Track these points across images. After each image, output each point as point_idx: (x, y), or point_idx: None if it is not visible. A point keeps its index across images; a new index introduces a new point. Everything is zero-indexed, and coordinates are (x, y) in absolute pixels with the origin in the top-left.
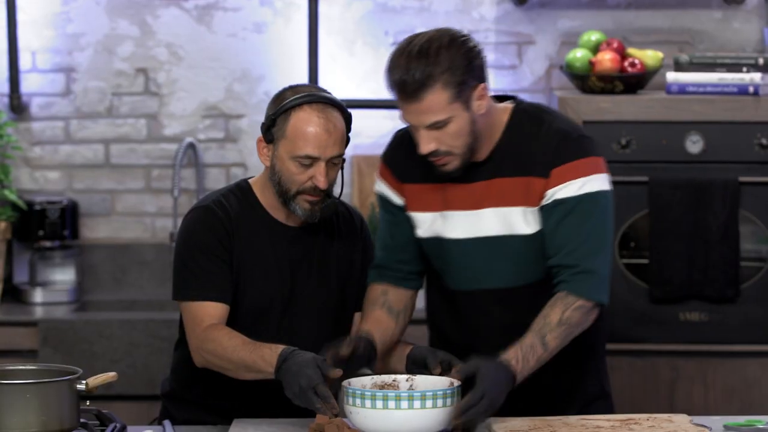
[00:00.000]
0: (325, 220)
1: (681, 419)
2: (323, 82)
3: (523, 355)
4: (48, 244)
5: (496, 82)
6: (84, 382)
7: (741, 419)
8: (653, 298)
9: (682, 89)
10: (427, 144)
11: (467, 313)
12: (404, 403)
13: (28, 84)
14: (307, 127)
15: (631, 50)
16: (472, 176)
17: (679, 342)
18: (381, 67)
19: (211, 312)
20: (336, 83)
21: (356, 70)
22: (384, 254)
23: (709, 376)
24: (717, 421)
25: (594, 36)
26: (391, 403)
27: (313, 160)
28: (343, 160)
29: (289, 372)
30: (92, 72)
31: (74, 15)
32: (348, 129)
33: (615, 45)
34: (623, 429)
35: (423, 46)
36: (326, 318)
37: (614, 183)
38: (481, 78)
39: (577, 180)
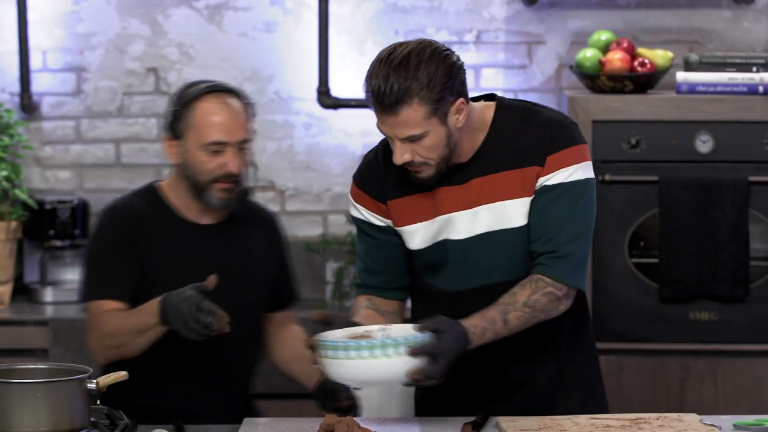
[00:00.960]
0: (238, 218)
1: (691, 418)
2: (333, 82)
3: (483, 327)
4: (59, 243)
5: (506, 81)
6: (94, 381)
7: (750, 418)
8: (663, 297)
9: (692, 89)
10: (401, 155)
11: (455, 313)
12: (377, 351)
13: (39, 83)
14: (212, 114)
15: (640, 50)
16: (462, 177)
17: (689, 341)
18: None
19: (108, 309)
20: (346, 83)
21: (366, 70)
22: (366, 276)
23: (718, 375)
24: (727, 421)
25: (604, 36)
26: (365, 352)
27: (221, 145)
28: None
29: (170, 309)
30: (103, 71)
31: (85, 14)
32: (251, 117)
33: (625, 45)
34: (633, 428)
35: (404, 58)
36: (245, 314)
37: (624, 182)
38: (461, 93)
39: (568, 168)
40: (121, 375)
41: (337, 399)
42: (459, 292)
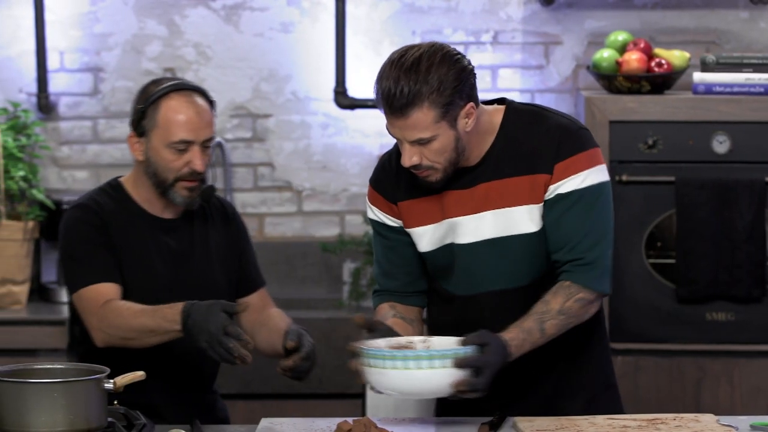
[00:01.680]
0: (201, 214)
1: (708, 419)
2: (350, 82)
3: (522, 339)
4: None
5: (523, 82)
6: (111, 381)
7: None
8: (679, 297)
9: (709, 89)
10: (410, 158)
11: (467, 316)
12: (424, 363)
13: (56, 84)
14: (178, 113)
15: (657, 50)
16: (469, 181)
17: (706, 342)
18: None
19: (103, 291)
20: (362, 83)
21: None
22: (384, 280)
23: (735, 375)
24: (743, 421)
25: (621, 36)
26: (411, 363)
27: (187, 144)
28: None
29: (196, 324)
30: (120, 72)
31: (102, 15)
32: (214, 115)
33: (642, 45)
34: (650, 429)
35: (415, 61)
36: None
37: (641, 183)
38: (471, 97)
39: (579, 173)
40: (138, 375)
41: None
42: (470, 296)
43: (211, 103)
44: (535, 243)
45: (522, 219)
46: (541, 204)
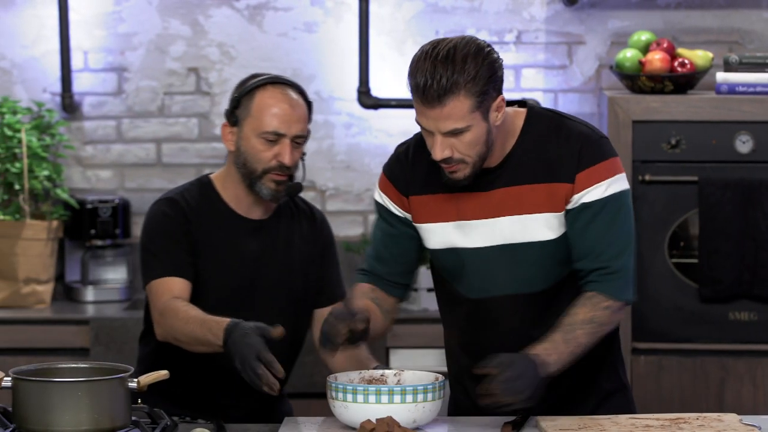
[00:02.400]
0: (288, 213)
1: (730, 418)
2: (373, 82)
3: (552, 348)
4: (100, 242)
5: (546, 81)
6: (135, 380)
7: None
8: (703, 297)
9: (732, 89)
10: (441, 150)
11: (481, 319)
12: (384, 398)
13: (80, 83)
14: (272, 104)
15: (680, 50)
16: (487, 184)
17: (729, 341)
18: None
19: (171, 286)
20: (386, 83)
21: (406, 70)
22: (375, 263)
23: (758, 375)
24: (766, 421)
25: (644, 36)
26: (372, 398)
27: (278, 136)
28: (304, 153)
29: (234, 344)
30: (144, 71)
31: (126, 15)
32: (309, 116)
33: (665, 45)
34: (673, 428)
35: (449, 52)
36: (286, 312)
37: (664, 183)
38: (500, 90)
39: (602, 183)
40: (162, 374)
41: (351, 323)
42: (481, 299)
43: (308, 103)
44: (551, 250)
45: (538, 227)
46: (561, 213)
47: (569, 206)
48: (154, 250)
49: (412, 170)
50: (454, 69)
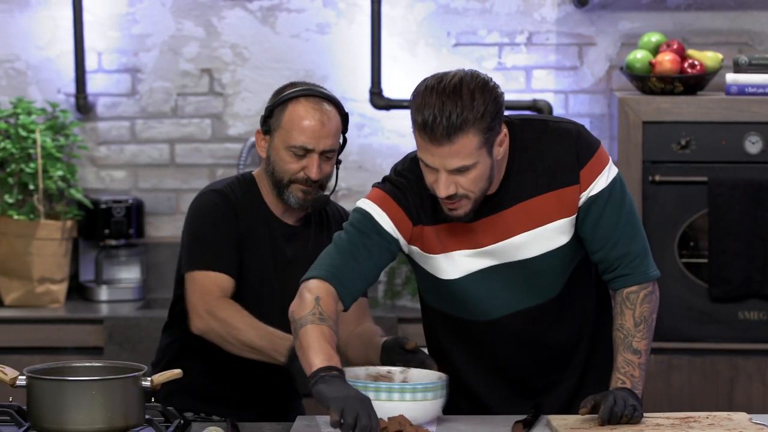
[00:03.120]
0: (319, 221)
1: (740, 417)
2: (385, 83)
3: (625, 372)
4: (113, 242)
5: (557, 83)
6: (149, 379)
7: None
8: (712, 297)
9: (742, 90)
10: (446, 188)
11: (488, 341)
12: (396, 395)
13: (94, 84)
14: (303, 118)
15: (690, 51)
16: (494, 206)
17: (738, 341)
18: (443, 69)
19: (220, 282)
20: (398, 84)
21: (418, 72)
22: (340, 264)
23: (767, 374)
24: None
25: (654, 37)
26: (383, 395)
27: (306, 151)
28: (339, 161)
29: (300, 372)
30: (158, 72)
31: (140, 16)
32: (344, 127)
33: (675, 46)
34: (683, 427)
35: (456, 87)
36: None
37: (674, 183)
38: (502, 124)
39: (603, 173)
40: (176, 373)
41: (403, 345)
42: (493, 320)
43: (343, 115)
44: (568, 253)
45: (553, 235)
46: (574, 216)
47: (580, 203)
48: (203, 239)
49: (422, 200)
50: (463, 105)
